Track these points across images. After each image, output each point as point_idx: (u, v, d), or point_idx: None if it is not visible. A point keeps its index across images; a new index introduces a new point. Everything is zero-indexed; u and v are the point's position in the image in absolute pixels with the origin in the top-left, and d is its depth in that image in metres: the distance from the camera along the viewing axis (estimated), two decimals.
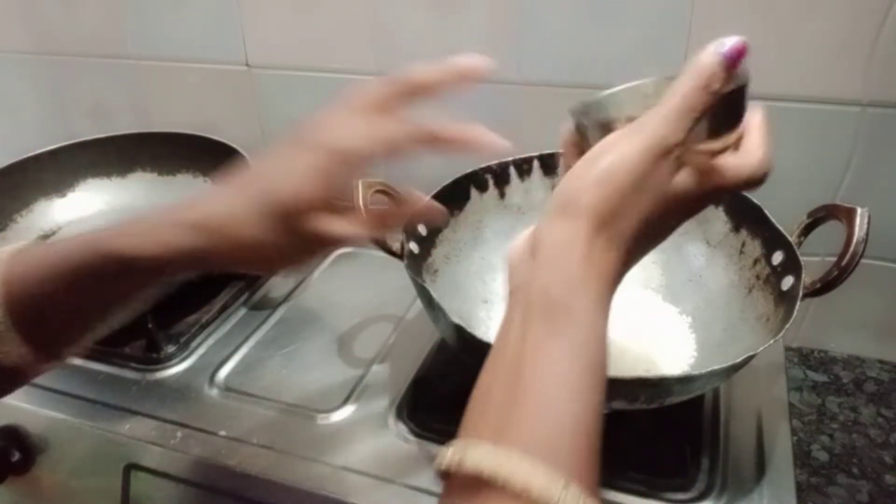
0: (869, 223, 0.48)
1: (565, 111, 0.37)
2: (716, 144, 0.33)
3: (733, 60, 0.31)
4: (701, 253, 0.62)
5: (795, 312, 0.47)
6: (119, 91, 0.92)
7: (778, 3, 0.59)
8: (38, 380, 0.61)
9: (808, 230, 0.53)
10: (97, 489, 0.58)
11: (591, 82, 0.67)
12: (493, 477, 0.26)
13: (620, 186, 0.31)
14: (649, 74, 0.66)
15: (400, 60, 0.75)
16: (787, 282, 0.51)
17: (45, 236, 0.78)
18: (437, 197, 0.60)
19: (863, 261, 0.47)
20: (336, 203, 0.36)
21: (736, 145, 0.34)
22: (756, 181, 0.34)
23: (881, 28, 0.57)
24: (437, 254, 0.62)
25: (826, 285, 0.49)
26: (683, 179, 0.32)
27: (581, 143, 0.36)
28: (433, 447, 0.54)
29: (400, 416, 0.57)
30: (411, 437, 0.55)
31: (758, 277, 0.56)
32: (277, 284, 0.75)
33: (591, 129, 0.35)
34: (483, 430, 0.29)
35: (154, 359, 0.63)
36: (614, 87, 0.37)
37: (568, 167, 0.34)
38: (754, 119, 0.35)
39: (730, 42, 0.31)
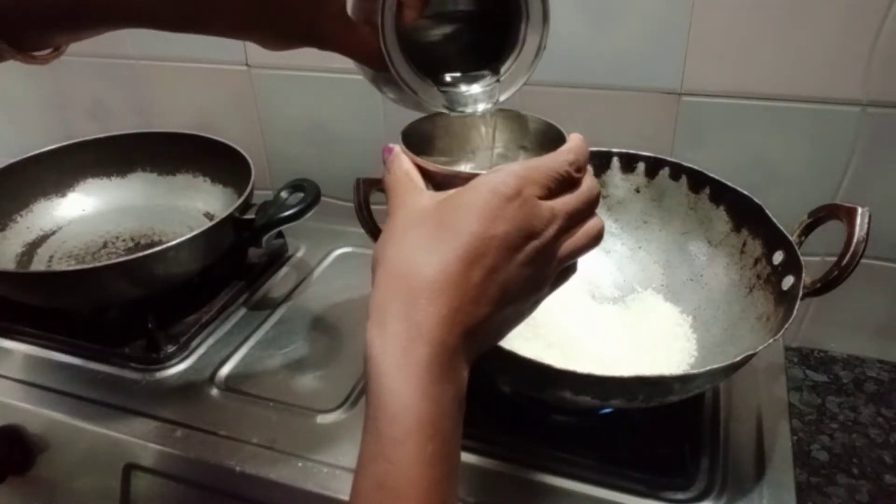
0: (869, 223, 0.48)
1: (565, 111, 0.37)
2: None
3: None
4: (702, 252, 0.62)
5: (795, 312, 0.47)
6: (119, 91, 0.92)
7: (777, 3, 0.59)
8: (38, 380, 0.62)
9: (808, 230, 0.53)
10: (97, 489, 0.58)
11: (591, 82, 0.67)
12: None
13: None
14: (649, 74, 0.66)
15: None
16: (788, 281, 0.51)
17: (46, 236, 0.78)
18: None
19: (863, 261, 0.47)
20: None
21: None
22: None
23: (881, 28, 0.57)
24: None
25: (826, 285, 0.49)
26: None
27: None
28: None
29: None
30: None
31: (758, 277, 0.56)
32: (277, 285, 0.75)
33: None
34: None
35: (154, 359, 0.63)
36: None
37: None
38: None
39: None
